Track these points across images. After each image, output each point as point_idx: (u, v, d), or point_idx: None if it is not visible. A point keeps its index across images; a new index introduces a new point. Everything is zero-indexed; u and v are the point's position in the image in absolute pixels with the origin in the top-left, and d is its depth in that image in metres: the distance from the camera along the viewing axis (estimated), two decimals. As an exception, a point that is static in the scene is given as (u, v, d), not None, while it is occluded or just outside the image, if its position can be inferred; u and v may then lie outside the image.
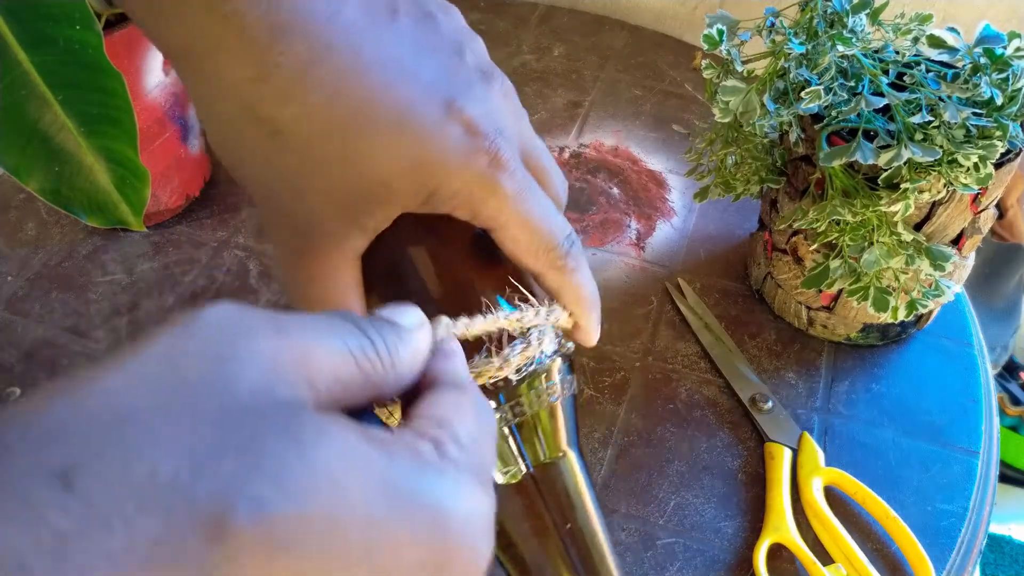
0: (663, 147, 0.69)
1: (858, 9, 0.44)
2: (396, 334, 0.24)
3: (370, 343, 0.23)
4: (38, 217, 0.62)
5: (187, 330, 0.19)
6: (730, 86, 0.45)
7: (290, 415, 0.18)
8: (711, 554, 0.45)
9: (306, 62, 0.27)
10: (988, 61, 0.42)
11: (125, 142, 0.44)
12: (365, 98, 0.28)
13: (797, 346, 0.55)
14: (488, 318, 0.29)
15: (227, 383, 0.18)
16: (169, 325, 0.19)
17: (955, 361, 0.55)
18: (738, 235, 0.62)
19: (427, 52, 0.30)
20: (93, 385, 0.18)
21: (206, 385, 0.18)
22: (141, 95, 0.53)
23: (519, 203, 0.31)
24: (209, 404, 0.18)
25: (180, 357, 0.18)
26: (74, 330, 0.54)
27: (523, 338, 0.30)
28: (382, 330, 0.24)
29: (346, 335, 0.22)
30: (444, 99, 0.29)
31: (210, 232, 0.61)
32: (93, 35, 0.41)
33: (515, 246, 0.31)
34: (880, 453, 0.49)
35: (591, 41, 0.80)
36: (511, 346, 0.30)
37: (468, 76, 0.30)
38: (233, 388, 0.18)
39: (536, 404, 0.31)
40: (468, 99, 0.30)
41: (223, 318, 0.20)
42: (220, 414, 0.18)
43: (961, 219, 0.47)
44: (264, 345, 0.19)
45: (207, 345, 0.19)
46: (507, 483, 0.31)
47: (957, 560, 0.45)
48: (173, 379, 0.18)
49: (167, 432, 0.17)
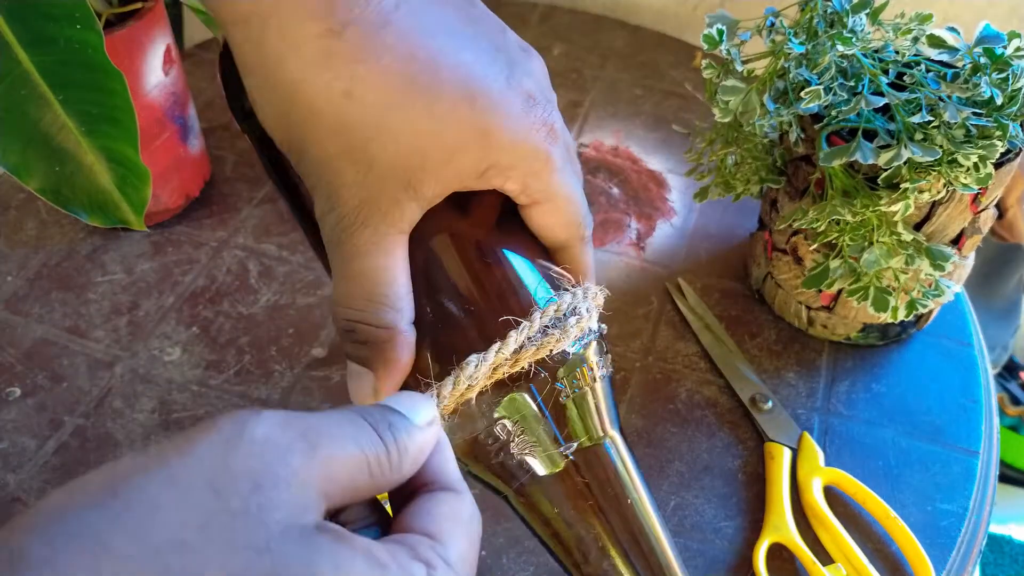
0: (663, 147, 0.69)
1: (858, 9, 0.44)
2: (408, 433, 0.25)
3: (384, 448, 0.24)
4: (38, 217, 0.62)
5: (231, 448, 0.21)
6: (730, 86, 0.45)
7: (311, 546, 0.21)
8: (711, 554, 0.45)
9: (378, 23, 0.27)
10: (988, 61, 0.42)
11: (125, 142, 0.44)
12: (435, 63, 0.28)
13: (797, 346, 0.55)
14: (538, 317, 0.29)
15: (262, 514, 0.20)
16: (215, 431, 0.21)
17: (955, 361, 0.55)
18: (738, 235, 0.62)
19: (479, 26, 0.30)
20: (142, 496, 0.20)
21: (245, 516, 0.20)
22: (141, 95, 0.53)
23: (565, 175, 0.32)
24: (246, 537, 0.20)
25: (224, 480, 0.20)
26: (74, 330, 0.54)
27: (573, 313, 0.30)
28: (395, 430, 0.25)
29: (363, 439, 0.24)
30: (504, 70, 0.29)
31: (210, 232, 0.61)
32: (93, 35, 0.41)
33: (553, 219, 0.32)
34: (880, 453, 0.49)
35: (591, 41, 0.80)
36: (565, 319, 0.30)
37: (515, 51, 0.31)
38: (267, 518, 0.20)
39: (588, 379, 0.31)
40: (522, 72, 0.30)
41: (266, 438, 0.21)
42: (254, 548, 0.20)
43: (961, 219, 0.47)
44: (298, 468, 0.21)
45: (248, 468, 0.21)
46: (552, 471, 0.30)
47: (957, 560, 0.45)
48: (216, 506, 0.20)
49: (212, 562, 0.19)
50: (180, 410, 0.50)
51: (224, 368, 0.52)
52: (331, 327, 0.55)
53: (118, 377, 0.52)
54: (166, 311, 0.56)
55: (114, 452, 0.48)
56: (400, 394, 0.27)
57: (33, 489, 0.46)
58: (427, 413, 0.26)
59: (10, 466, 0.47)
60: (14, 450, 0.48)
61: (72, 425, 0.49)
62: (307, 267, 0.59)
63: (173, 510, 0.20)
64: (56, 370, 0.52)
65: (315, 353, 0.53)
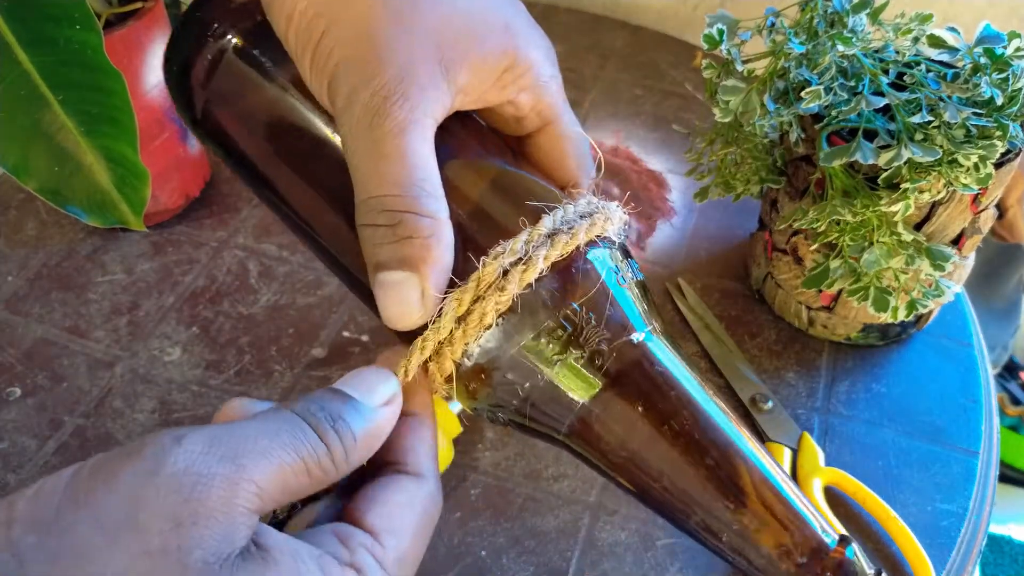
0: (663, 147, 0.69)
1: (858, 9, 0.44)
2: (359, 422, 0.25)
3: (325, 449, 0.24)
4: (38, 217, 0.62)
5: (151, 480, 0.21)
6: (730, 86, 0.45)
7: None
8: (711, 554, 0.45)
9: None
10: (988, 61, 0.42)
11: (125, 142, 0.44)
12: None
13: (797, 346, 0.55)
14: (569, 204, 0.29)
15: (182, 555, 0.21)
16: (138, 459, 0.22)
17: (955, 361, 0.55)
18: (738, 235, 0.62)
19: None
20: (74, 541, 0.21)
21: (164, 557, 0.21)
22: (141, 95, 0.53)
23: (569, 108, 0.33)
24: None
25: (145, 518, 0.21)
26: (74, 330, 0.54)
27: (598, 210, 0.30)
28: (342, 425, 0.25)
29: (301, 444, 0.24)
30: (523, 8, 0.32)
31: (210, 232, 0.61)
32: (93, 35, 0.41)
33: (564, 146, 0.32)
34: (880, 453, 0.49)
35: (591, 40, 0.80)
36: (591, 215, 0.29)
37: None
38: (187, 559, 0.21)
39: (633, 271, 0.30)
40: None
41: (186, 469, 0.22)
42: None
43: (961, 219, 0.47)
44: (220, 498, 0.22)
45: (168, 505, 0.21)
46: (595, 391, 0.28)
47: (957, 560, 0.45)
48: (138, 547, 0.21)
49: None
50: (180, 410, 0.50)
51: (224, 368, 0.52)
52: (331, 327, 0.55)
53: (118, 377, 0.52)
54: (166, 311, 0.56)
55: (114, 452, 0.48)
56: (356, 373, 0.27)
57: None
58: (384, 392, 0.26)
59: (10, 466, 0.47)
60: (14, 450, 0.48)
61: (72, 425, 0.49)
62: (307, 267, 0.59)
63: (99, 556, 0.20)
64: (56, 370, 0.52)
65: (315, 353, 0.53)
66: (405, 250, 0.27)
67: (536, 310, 0.28)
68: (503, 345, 0.28)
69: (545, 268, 0.28)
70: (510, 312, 0.28)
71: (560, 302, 0.28)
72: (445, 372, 0.28)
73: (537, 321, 0.28)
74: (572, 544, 0.45)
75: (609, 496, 0.47)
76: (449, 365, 0.28)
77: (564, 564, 0.44)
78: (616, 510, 0.46)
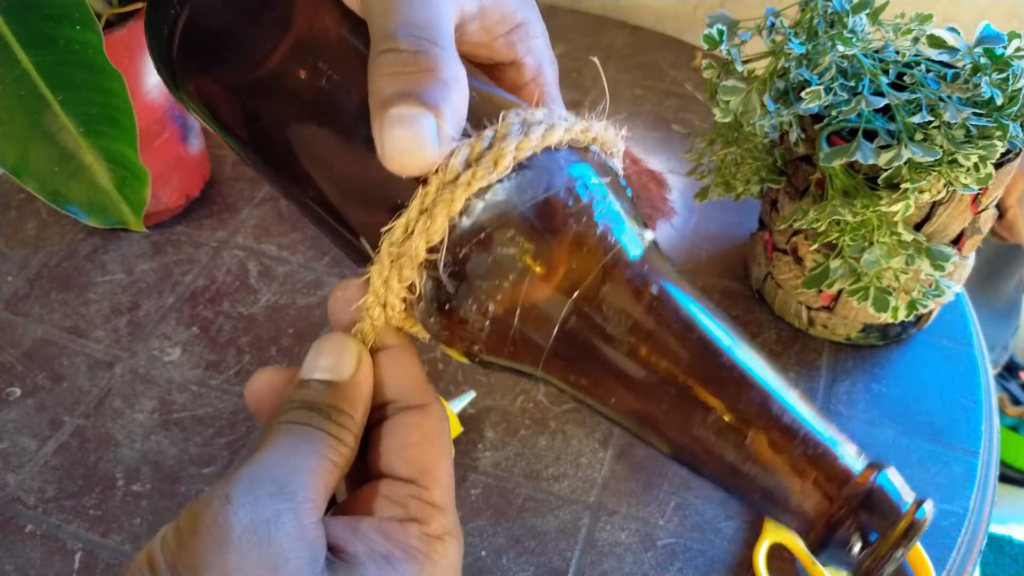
0: (663, 147, 0.69)
1: (858, 9, 0.44)
2: (349, 399, 0.26)
3: (336, 439, 0.26)
4: (38, 217, 0.62)
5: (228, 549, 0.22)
6: (730, 86, 0.45)
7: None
8: (711, 554, 0.45)
9: None
10: (988, 61, 0.42)
11: (125, 142, 0.44)
12: None
13: (797, 346, 0.55)
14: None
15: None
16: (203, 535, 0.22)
17: (955, 361, 0.55)
18: (738, 235, 0.62)
19: None
20: None
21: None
22: (141, 95, 0.53)
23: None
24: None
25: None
26: (74, 330, 0.54)
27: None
28: (334, 413, 0.26)
29: (319, 448, 0.25)
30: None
31: (210, 232, 0.61)
32: (93, 35, 0.41)
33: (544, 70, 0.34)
34: (880, 453, 0.49)
35: (591, 41, 0.80)
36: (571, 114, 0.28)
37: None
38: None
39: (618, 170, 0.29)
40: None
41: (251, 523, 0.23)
42: None
43: (961, 219, 0.47)
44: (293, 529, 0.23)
45: (258, 560, 0.22)
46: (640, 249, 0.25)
47: (957, 560, 0.45)
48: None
49: None
50: (180, 410, 0.50)
51: (224, 368, 0.52)
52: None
53: (118, 377, 0.52)
54: (166, 311, 0.56)
55: (114, 452, 0.48)
56: (316, 352, 0.27)
57: (33, 489, 0.46)
58: (349, 359, 0.27)
59: (10, 466, 0.47)
60: (14, 450, 0.48)
61: (72, 425, 0.49)
62: (307, 267, 0.59)
63: None
64: (56, 370, 0.52)
65: (315, 353, 0.53)
66: (427, 82, 0.24)
67: (553, 172, 0.25)
68: (513, 199, 0.24)
69: (564, 139, 0.26)
70: (523, 168, 0.25)
71: (569, 172, 0.26)
72: (434, 236, 0.24)
73: (550, 183, 0.25)
74: (572, 544, 0.45)
75: (609, 496, 0.47)
76: (441, 224, 0.24)
77: (564, 564, 0.44)
78: (616, 510, 0.46)
